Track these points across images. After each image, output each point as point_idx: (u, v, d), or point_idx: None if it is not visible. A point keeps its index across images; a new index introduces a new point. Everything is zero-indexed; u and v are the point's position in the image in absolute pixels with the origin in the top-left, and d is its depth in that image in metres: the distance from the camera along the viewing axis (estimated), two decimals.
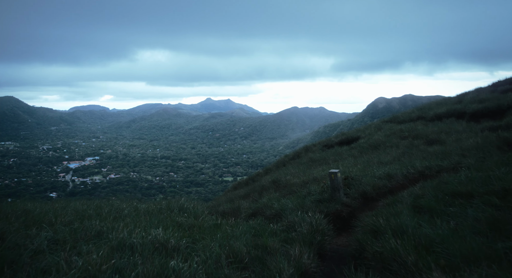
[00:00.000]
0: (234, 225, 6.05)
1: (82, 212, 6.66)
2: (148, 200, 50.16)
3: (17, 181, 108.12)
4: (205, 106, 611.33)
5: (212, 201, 18.86)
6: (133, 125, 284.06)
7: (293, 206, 7.30)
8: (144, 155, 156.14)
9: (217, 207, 11.42)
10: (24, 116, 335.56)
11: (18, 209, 6.37)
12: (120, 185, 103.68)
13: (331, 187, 7.57)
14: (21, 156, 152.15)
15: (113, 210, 7.07)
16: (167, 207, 7.61)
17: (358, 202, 7.52)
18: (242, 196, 12.88)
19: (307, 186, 10.03)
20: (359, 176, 8.98)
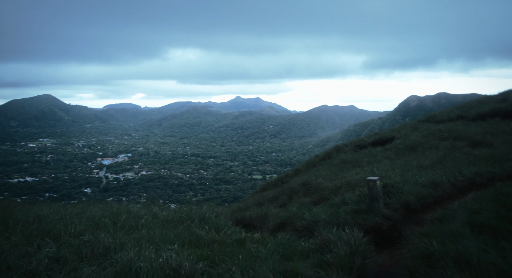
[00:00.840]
0: (260, 241, 5.39)
1: (97, 219, 6.32)
2: (178, 197, 50.56)
3: (54, 177, 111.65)
4: (235, 104, 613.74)
5: (241, 201, 18.33)
6: (164, 123, 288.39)
7: (327, 217, 6.60)
8: (174, 152, 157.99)
9: (244, 211, 10.83)
10: (61, 114, 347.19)
11: (32, 215, 6.13)
12: (151, 181, 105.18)
13: (369, 196, 6.79)
14: (58, 152, 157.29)
15: (130, 217, 6.68)
16: (187, 216, 7.14)
17: (400, 213, 6.66)
18: (271, 199, 12.33)
19: (340, 191, 9.31)
20: (399, 182, 8.11)
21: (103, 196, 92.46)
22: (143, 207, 8.98)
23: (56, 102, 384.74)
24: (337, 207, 7.42)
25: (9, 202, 10.50)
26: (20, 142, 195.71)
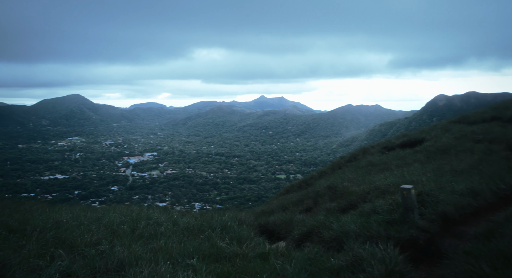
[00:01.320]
0: (285, 255, 5.03)
1: (116, 226, 6.15)
2: (202, 196, 50.53)
3: (83, 174, 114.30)
4: (259, 104, 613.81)
5: (265, 203, 17.96)
6: (188, 123, 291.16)
7: (356, 228, 6.17)
8: (199, 152, 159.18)
9: (269, 216, 10.47)
10: (89, 113, 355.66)
11: (50, 221, 6.03)
12: (176, 180, 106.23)
13: (403, 205, 6.30)
14: (86, 151, 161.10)
15: (150, 224, 6.50)
16: (208, 224, 6.86)
17: (437, 225, 6.09)
18: (295, 202, 11.98)
19: (369, 197, 8.84)
20: (434, 190, 7.52)
21: (130, 194, 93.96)
22: (164, 212, 8.60)
23: (84, 101, 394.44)
24: (367, 216, 6.97)
25: (32, 204, 10.37)
26: (50, 140, 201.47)
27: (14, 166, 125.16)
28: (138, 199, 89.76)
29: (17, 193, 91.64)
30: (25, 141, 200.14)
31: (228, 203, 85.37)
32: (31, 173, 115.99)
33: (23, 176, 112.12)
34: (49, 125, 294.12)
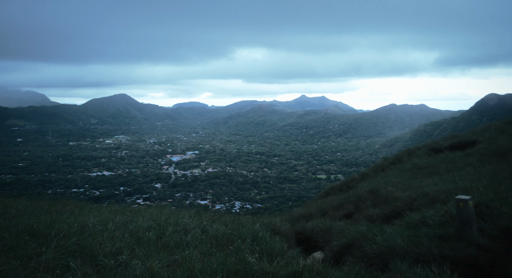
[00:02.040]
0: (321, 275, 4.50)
1: (141, 233, 5.92)
2: (243, 194, 50.11)
3: (128, 171, 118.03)
4: (299, 103, 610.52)
5: (304, 206, 17.40)
6: (229, 122, 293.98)
7: (404, 243, 5.43)
8: (239, 151, 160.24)
9: (306, 220, 9.94)
10: (134, 112, 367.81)
11: (76, 225, 5.93)
12: (217, 178, 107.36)
13: (459, 219, 5.46)
14: (132, 149, 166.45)
15: (177, 231, 6.25)
16: (238, 233, 6.45)
17: (500, 243, 5.09)
18: (335, 206, 11.41)
19: (416, 204, 8.10)
20: (494, 200, 6.49)
21: (172, 191, 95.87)
22: (195, 216, 8.28)
23: (130, 101, 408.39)
24: (415, 229, 6.24)
25: (66, 203, 10.34)
26: (98, 138, 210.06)
27: (65, 163, 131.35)
28: (180, 196, 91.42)
29: (68, 188, 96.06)
30: (76, 138, 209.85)
31: (268, 202, 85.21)
32: (80, 169, 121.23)
33: (73, 172, 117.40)
34: (97, 123, 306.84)
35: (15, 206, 7.99)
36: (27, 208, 7.88)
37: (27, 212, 7.43)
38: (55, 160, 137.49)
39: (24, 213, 7.26)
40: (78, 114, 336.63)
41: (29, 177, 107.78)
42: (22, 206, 8.14)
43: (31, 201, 10.07)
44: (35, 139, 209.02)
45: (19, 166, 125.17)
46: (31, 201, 10.07)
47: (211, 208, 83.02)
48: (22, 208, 7.89)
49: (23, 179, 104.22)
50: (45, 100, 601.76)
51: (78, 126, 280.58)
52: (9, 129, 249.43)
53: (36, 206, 8.50)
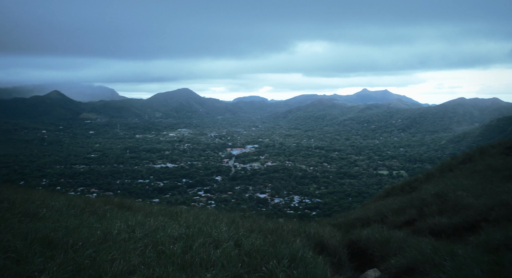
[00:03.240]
0: None
1: (167, 244, 5.63)
2: (302, 189, 48.93)
3: (190, 164, 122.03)
4: (361, 97, 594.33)
5: (361, 207, 16.82)
6: (289, 116, 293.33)
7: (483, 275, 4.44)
8: (299, 145, 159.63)
9: (362, 227, 9.48)
10: (196, 106, 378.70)
11: (98, 233, 5.72)
12: (276, 172, 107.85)
13: None
14: (193, 142, 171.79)
15: (207, 244, 5.83)
16: (274, 251, 5.74)
17: None
18: (395, 211, 10.54)
19: (493, 215, 7.06)
20: None
21: (232, 184, 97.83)
22: (232, 224, 7.67)
23: (192, 95, 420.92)
24: (497, 253, 5.05)
25: (107, 200, 10.59)
26: (162, 131, 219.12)
27: (132, 154, 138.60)
28: (239, 189, 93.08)
29: (134, 179, 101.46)
30: (141, 131, 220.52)
31: (327, 197, 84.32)
32: (146, 161, 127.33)
33: (139, 163, 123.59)
34: (161, 117, 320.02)
35: (51, 205, 7.68)
36: (61, 208, 7.63)
37: (59, 212, 7.15)
38: (123, 151, 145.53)
39: (55, 213, 6.96)
40: (144, 108, 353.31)
41: (100, 168, 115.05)
42: (58, 205, 7.83)
43: (71, 197, 9.80)
44: (105, 131, 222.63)
45: (91, 156, 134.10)
46: (71, 197, 9.80)
47: (270, 201, 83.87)
48: (57, 207, 7.63)
49: (94, 169, 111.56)
50: (114, 95, 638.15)
51: (144, 120, 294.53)
52: (83, 122, 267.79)
53: (73, 204, 8.26)
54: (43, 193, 10.34)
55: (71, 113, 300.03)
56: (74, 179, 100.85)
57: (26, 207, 6.97)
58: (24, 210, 6.75)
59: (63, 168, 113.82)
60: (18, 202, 7.40)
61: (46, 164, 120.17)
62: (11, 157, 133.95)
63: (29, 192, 9.82)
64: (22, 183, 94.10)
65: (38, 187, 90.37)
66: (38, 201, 7.90)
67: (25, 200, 7.75)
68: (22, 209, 6.78)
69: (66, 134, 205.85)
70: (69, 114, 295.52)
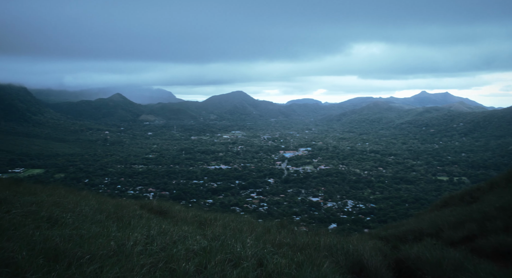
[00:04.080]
0: None
1: (182, 260, 5.23)
2: (355, 193, 47.16)
3: (243, 166, 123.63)
4: (419, 99, 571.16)
5: (415, 217, 16.12)
6: (343, 119, 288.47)
7: None
8: (353, 148, 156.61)
9: (413, 242, 8.70)
10: (250, 108, 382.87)
11: (112, 244, 5.39)
12: (329, 176, 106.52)
13: None
14: (247, 144, 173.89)
15: (225, 262, 5.35)
16: (299, 276, 5.27)
17: None
18: (453, 223, 9.77)
19: None
20: None
21: (284, 187, 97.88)
22: (259, 239, 6.94)
23: (246, 98, 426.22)
24: None
25: (143, 203, 10.32)
26: (217, 133, 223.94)
27: (187, 155, 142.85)
28: (292, 192, 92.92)
29: (189, 179, 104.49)
30: (197, 133, 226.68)
31: (382, 203, 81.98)
32: (200, 162, 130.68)
33: (194, 164, 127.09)
34: (216, 119, 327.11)
35: (79, 210, 7.47)
36: (88, 213, 7.45)
37: (84, 218, 6.94)
38: (179, 152, 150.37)
39: (79, 219, 6.75)
40: (199, 110, 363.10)
41: (157, 168, 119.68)
42: (87, 210, 7.65)
43: (104, 201, 9.74)
44: (162, 132, 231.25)
45: (149, 157, 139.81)
46: (104, 201, 9.74)
47: (323, 205, 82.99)
48: (85, 212, 7.45)
49: (152, 169, 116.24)
50: (171, 97, 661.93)
51: (199, 122, 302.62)
52: (142, 123, 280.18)
53: (102, 209, 8.08)
54: (85, 194, 10.47)
55: (131, 115, 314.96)
56: (133, 178, 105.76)
57: (52, 211, 6.76)
58: (48, 215, 6.53)
59: (123, 168, 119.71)
60: (47, 205, 7.21)
61: (108, 163, 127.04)
62: (78, 156, 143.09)
63: (68, 193, 9.86)
64: (86, 181, 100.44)
65: (101, 185, 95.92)
66: (70, 204, 7.78)
67: (55, 203, 7.60)
68: (47, 214, 6.56)
69: (126, 135, 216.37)
70: (129, 116, 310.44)
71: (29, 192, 8.68)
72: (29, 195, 7.97)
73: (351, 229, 64.02)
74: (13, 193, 7.78)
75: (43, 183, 15.04)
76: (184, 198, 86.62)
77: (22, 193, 8.32)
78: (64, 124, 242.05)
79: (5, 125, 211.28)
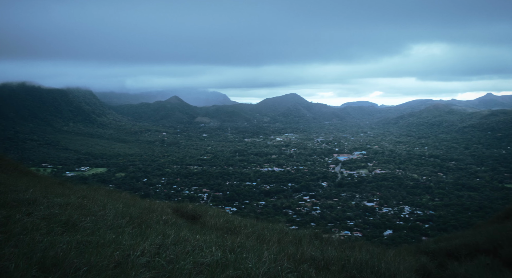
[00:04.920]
0: None
1: (185, 276, 4.83)
2: (413, 199, 44.80)
3: (296, 169, 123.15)
4: (484, 102, 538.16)
5: (473, 228, 14.74)
6: (400, 122, 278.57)
7: None
8: (410, 152, 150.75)
9: (465, 258, 7.98)
10: (303, 111, 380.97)
11: (116, 254, 5.05)
12: (385, 180, 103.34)
13: None
14: (300, 147, 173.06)
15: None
16: None
17: None
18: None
19: None
20: None
21: (338, 191, 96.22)
22: (279, 253, 6.36)
23: (300, 100, 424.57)
24: None
25: (177, 206, 10.20)
26: (270, 136, 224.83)
27: (241, 157, 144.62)
28: (345, 196, 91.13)
29: (242, 181, 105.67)
30: (250, 135, 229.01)
31: (442, 210, 78.22)
32: (253, 164, 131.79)
33: (247, 166, 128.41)
34: (269, 122, 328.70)
35: (102, 214, 7.21)
36: (109, 216, 7.16)
37: (103, 222, 6.68)
38: (233, 154, 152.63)
39: (97, 224, 6.50)
40: (253, 113, 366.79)
41: (211, 169, 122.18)
42: (110, 213, 7.34)
43: (131, 204, 9.49)
44: (217, 134, 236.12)
45: (204, 158, 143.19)
46: (131, 204, 9.49)
47: (378, 210, 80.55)
48: (107, 215, 7.19)
49: (206, 170, 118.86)
50: (226, 100, 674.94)
51: (252, 124, 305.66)
52: (197, 125, 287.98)
53: (126, 213, 7.76)
54: (122, 196, 10.36)
55: (188, 117, 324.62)
56: (188, 178, 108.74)
57: (71, 215, 6.52)
58: (66, 218, 6.28)
59: (179, 168, 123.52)
60: (71, 208, 7.00)
61: (165, 163, 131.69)
62: (137, 156, 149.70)
63: (104, 195, 9.85)
64: (145, 180, 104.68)
65: (158, 184, 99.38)
66: (95, 207, 7.56)
67: (81, 206, 7.40)
68: (65, 217, 6.32)
69: (182, 137, 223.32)
70: (185, 118, 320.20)
71: (62, 193, 8.50)
72: (61, 196, 7.84)
73: (407, 236, 61.69)
74: (44, 194, 7.67)
75: (88, 183, 15.63)
76: (237, 199, 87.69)
77: (54, 193, 8.23)
78: (125, 125, 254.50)
79: (73, 126, 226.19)
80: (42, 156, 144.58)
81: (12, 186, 8.22)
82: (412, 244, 15.30)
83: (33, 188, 8.19)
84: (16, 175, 11.49)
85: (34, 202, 6.89)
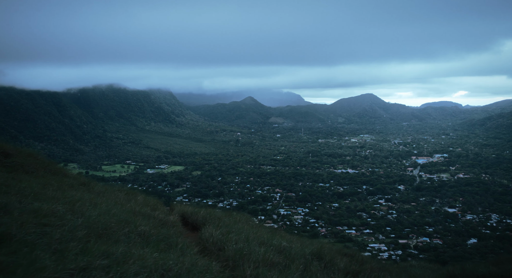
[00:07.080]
0: None
1: None
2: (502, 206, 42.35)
3: (371, 171, 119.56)
4: None
5: None
6: (488, 123, 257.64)
7: None
8: (499, 156, 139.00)
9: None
10: (380, 112, 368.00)
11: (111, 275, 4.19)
12: (469, 186, 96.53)
13: None
14: (375, 148, 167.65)
15: None
16: None
17: None
18: None
19: None
20: None
21: (416, 195, 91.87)
22: None
23: (376, 101, 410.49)
24: None
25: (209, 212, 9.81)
26: (344, 137, 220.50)
27: (314, 158, 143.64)
28: (424, 201, 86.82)
29: (315, 182, 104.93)
30: (324, 136, 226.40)
31: None
32: (327, 165, 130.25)
33: (320, 167, 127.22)
34: (344, 122, 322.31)
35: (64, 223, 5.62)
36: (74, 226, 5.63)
37: (49, 237, 5.05)
38: (306, 155, 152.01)
39: (43, 237, 5.01)
40: (327, 113, 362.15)
41: (284, 169, 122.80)
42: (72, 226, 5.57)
43: (123, 205, 8.58)
44: (290, 135, 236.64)
45: (277, 158, 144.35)
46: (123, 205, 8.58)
47: (461, 217, 75.50)
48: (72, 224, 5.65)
49: (279, 171, 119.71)
50: (300, 100, 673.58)
51: (326, 125, 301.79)
52: (271, 126, 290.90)
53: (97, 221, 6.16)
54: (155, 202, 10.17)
55: (262, 117, 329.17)
56: (261, 178, 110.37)
57: (23, 223, 5.15)
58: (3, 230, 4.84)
59: (252, 168, 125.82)
60: (37, 215, 5.67)
61: (239, 163, 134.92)
62: (213, 155, 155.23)
63: (117, 195, 9.72)
64: (219, 179, 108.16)
65: (231, 183, 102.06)
66: (72, 215, 6.25)
67: (50, 212, 5.98)
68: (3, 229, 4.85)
69: (256, 137, 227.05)
70: (259, 118, 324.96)
71: (52, 196, 7.19)
72: (44, 201, 6.57)
73: (495, 246, 57.17)
74: (27, 198, 6.55)
75: (109, 183, 15.24)
76: (310, 200, 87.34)
77: (44, 197, 7.01)
78: (202, 125, 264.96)
79: (154, 126, 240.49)
80: (126, 153, 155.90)
81: (5, 188, 6.98)
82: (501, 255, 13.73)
83: (26, 190, 7.08)
84: (39, 175, 9.91)
85: (3, 208, 5.67)
